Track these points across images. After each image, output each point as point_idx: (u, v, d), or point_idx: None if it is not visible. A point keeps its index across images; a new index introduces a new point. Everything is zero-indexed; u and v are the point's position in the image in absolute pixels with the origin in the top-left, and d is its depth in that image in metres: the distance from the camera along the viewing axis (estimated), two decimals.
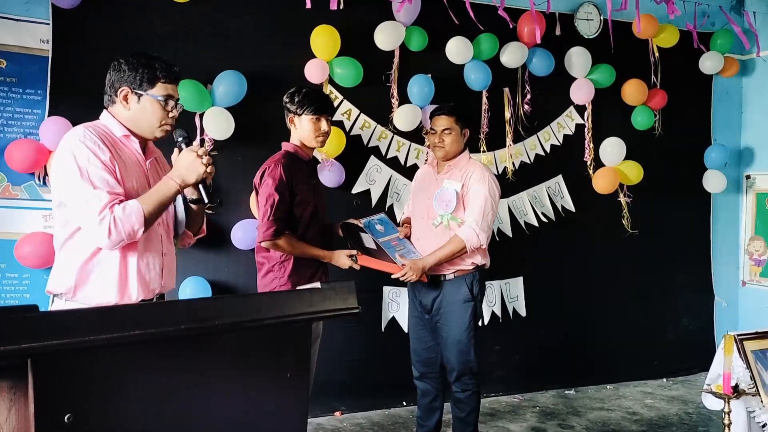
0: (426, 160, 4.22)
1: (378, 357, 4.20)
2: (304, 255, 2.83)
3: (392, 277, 3.08)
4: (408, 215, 3.49)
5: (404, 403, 4.14)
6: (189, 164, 2.02)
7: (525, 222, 4.62)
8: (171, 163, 2.15)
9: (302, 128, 2.91)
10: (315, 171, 3.12)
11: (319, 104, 2.91)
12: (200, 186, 2.10)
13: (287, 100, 2.94)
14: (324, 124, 2.92)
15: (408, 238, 3.26)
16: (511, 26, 4.20)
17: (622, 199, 4.89)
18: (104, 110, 2.14)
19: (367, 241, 3.09)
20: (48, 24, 3.60)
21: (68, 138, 1.99)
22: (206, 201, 2.13)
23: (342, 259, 2.91)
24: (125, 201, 1.95)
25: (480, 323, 4.39)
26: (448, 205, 3.13)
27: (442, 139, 3.19)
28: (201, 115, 3.76)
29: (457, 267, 3.16)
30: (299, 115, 2.89)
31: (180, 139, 2.15)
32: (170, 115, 2.13)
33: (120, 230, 1.91)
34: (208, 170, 2.04)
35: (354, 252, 2.96)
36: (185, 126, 3.67)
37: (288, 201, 2.79)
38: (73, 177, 1.93)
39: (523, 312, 4.62)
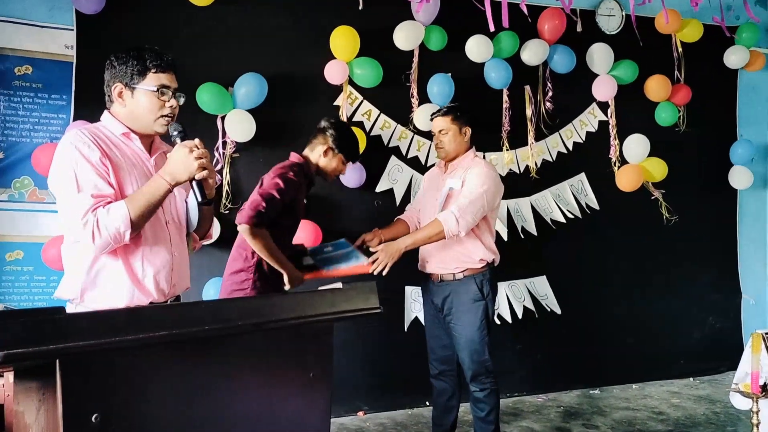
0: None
1: (400, 357, 4.20)
2: (270, 256, 2.75)
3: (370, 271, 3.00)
4: (409, 213, 3.48)
5: (427, 403, 4.13)
6: (180, 160, 1.90)
7: (551, 219, 4.59)
8: None
9: (330, 162, 3.00)
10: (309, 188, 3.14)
11: (358, 154, 3.16)
12: (193, 184, 1.98)
13: (335, 133, 2.97)
14: (345, 170, 3.10)
15: (381, 242, 3.18)
16: (529, 20, 4.17)
17: (656, 192, 4.84)
18: (105, 111, 2.07)
19: (306, 261, 3.06)
20: (72, 30, 3.65)
21: (61, 141, 1.93)
22: (198, 199, 2.00)
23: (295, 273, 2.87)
24: (112, 203, 1.86)
25: (509, 320, 4.41)
26: (440, 203, 3.15)
27: (440, 140, 3.21)
28: (223, 118, 3.80)
29: (465, 266, 3.16)
30: (336, 153, 2.98)
31: (175, 133, 1.99)
32: (167, 105, 2.01)
33: (104, 234, 1.82)
34: (199, 165, 1.90)
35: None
36: (208, 129, 3.75)
37: (280, 209, 2.76)
38: (62, 180, 1.88)
39: (557, 309, 4.59)
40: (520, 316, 4.47)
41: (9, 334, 0.97)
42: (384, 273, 2.97)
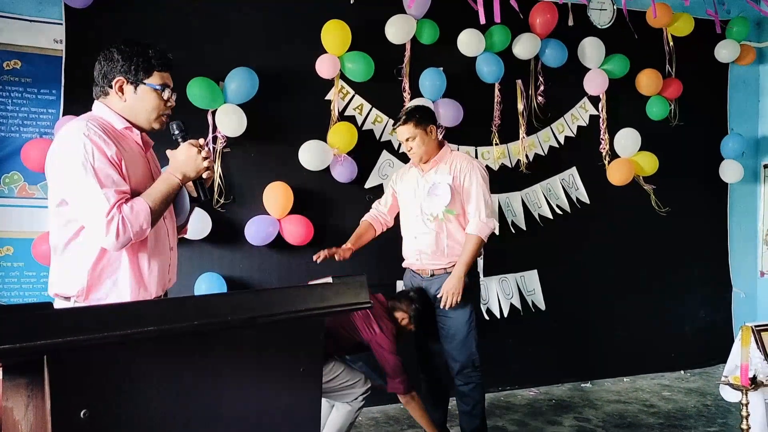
0: None
1: None
2: (424, 417, 3.15)
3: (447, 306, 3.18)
4: (375, 213, 3.48)
5: None
6: (190, 159, 1.97)
7: (539, 215, 4.60)
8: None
9: (403, 325, 3.19)
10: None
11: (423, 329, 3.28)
12: (198, 183, 2.04)
13: (418, 309, 3.18)
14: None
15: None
16: (521, 16, 4.18)
17: (647, 186, 4.86)
18: (96, 101, 2.05)
19: None
20: (61, 24, 3.63)
21: (70, 132, 1.88)
22: (202, 198, 2.06)
23: None
24: (132, 199, 1.87)
25: (498, 316, 4.42)
26: (442, 199, 3.15)
27: (410, 147, 3.22)
28: (213, 113, 3.78)
29: (452, 261, 3.19)
30: (410, 322, 3.19)
31: (177, 132, 2.06)
32: (167, 104, 2.05)
33: (128, 230, 1.83)
34: (205, 165, 1.98)
35: None
36: (199, 123, 3.73)
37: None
38: (78, 174, 1.83)
39: (542, 305, 4.60)
40: (506, 314, 4.47)
41: None
42: (455, 304, 3.12)
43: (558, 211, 4.65)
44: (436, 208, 3.16)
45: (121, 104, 2.00)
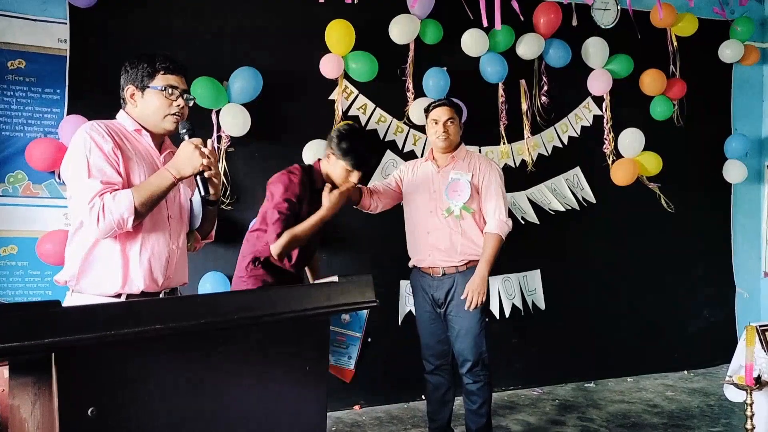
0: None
1: (396, 350, 4.20)
2: (308, 231, 2.80)
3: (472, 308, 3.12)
4: (380, 187, 3.39)
5: (422, 397, 4.14)
6: (186, 156, 2.02)
7: (551, 209, 4.59)
8: None
9: (333, 168, 2.89)
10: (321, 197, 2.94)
11: (358, 162, 2.86)
12: (198, 179, 2.08)
13: (335, 140, 2.85)
14: (354, 177, 2.90)
15: None
16: (522, 19, 4.18)
17: (652, 185, 4.85)
18: (120, 110, 2.19)
19: None
20: (65, 23, 3.63)
21: (78, 131, 2.05)
22: (202, 194, 2.11)
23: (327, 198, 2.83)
24: (119, 190, 1.97)
25: (498, 316, 4.42)
26: (461, 195, 3.16)
27: (446, 129, 3.21)
28: (217, 112, 3.78)
29: (469, 258, 3.20)
30: (336, 158, 2.86)
31: (183, 131, 2.12)
32: (175, 104, 2.12)
33: (109, 218, 1.93)
34: (205, 163, 2.02)
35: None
36: (202, 122, 3.74)
37: (296, 215, 2.80)
38: (74, 166, 1.99)
39: (542, 305, 4.60)
40: (507, 314, 4.46)
41: (4, 327, 0.97)
42: (480, 303, 3.10)
43: (567, 207, 4.64)
44: (454, 204, 3.17)
45: (135, 110, 2.15)
